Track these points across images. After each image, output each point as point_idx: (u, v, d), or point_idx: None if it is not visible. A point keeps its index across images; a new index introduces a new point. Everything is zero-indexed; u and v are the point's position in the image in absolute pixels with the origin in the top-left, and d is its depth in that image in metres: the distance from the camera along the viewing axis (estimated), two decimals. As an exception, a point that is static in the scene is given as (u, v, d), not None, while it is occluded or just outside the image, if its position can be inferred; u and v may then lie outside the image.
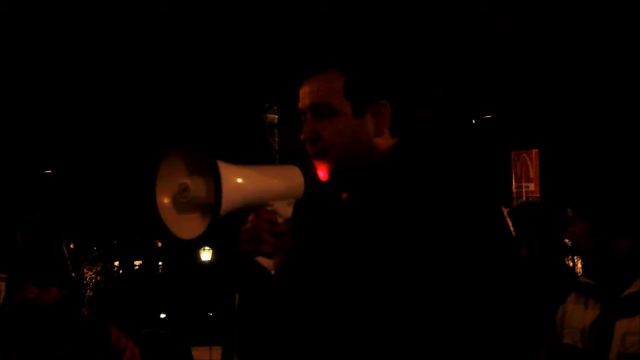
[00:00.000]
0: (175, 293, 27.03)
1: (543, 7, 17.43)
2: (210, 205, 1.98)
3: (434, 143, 2.24)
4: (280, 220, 2.09)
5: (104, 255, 28.87)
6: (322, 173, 2.17)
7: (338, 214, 2.17)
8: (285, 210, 2.12)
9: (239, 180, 2.02)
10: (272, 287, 2.08)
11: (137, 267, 30.52)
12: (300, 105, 2.22)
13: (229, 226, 2.15)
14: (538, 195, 13.17)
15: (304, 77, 2.23)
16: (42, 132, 22.47)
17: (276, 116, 25.11)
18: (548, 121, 19.02)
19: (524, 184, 13.28)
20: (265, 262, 2.08)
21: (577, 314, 3.17)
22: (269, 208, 2.10)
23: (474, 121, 20.64)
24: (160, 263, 30.31)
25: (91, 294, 27.17)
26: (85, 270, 27.20)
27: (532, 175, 13.33)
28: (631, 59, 17.67)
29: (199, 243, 25.34)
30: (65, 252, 4.03)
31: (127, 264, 30.26)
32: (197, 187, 2.01)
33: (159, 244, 29.78)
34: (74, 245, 24.57)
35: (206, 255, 26.15)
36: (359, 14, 17.02)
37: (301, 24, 16.81)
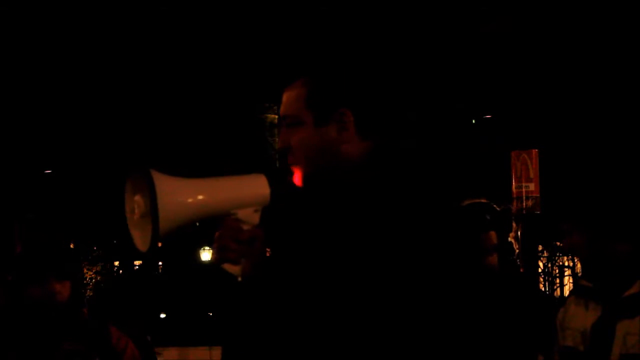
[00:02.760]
0: (175, 293, 27.03)
1: (543, 7, 17.43)
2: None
3: (406, 148, 2.31)
4: (245, 227, 2.18)
5: (104, 255, 28.87)
6: (296, 179, 2.27)
7: (308, 220, 2.25)
8: (251, 217, 2.20)
9: (176, 197, 2.12)
10: (238, 293, 2.17)
11: (137, 267, 30.51)
12: (279, 116, 2.38)
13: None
14: (538, 195, 13.17)
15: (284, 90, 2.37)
16: (42, 132, 22.46)
17: (276, 116, 25.11)
18: (548, 121, 19.01)
19: (524, 184, 13.27)
20: (231, 268, 2.18)
21: (578, 317, 3.18)
22: (233, 216, 2.18)
23: (473, 121, 20.64)
24: (160, 263, 30.30)
25: (91, 294, 27.16)
26: (85, 270, 27.19)
27: (532, 175, 13.32)
28: (631, 59, 17.67)
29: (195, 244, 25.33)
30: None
31: (127, 264, 30.25)
32: (144, 204, 2.14)
33: (159, 244, 29.80)
34: (74, 245, 24.56)
35: (206, 255, 26.14)
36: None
37: (296, 28, 16.83)
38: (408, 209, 2.13)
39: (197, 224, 2.22)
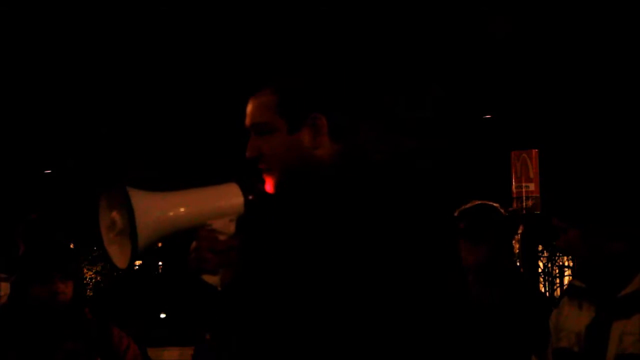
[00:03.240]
0: (175, 293, 27.01)
1: (543, 7, 17.42)
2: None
3: (389, 150, 2.30)
4: (221, 237, 2.19)
5: (104, 255, 28.81)
6: (268, 187, 2.27)
7: (281, 227, 2.25)
8: (227, 227, 2.21)
9: (154, 211, 2.13)
10: (218, 303, 2.19)
11: (137, 267, 30.48)
12: (246, 124, 2.35)
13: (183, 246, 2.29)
14: (538, 195, 13.16)
15: (249, 97, 2.35)
16: (42, 132, 22.44)
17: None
18: (548, 121, 19.00)
19: (524, 184, 13.25)
20: (210, 279, 2.19)
21: (572, 317, 3.17)
22: (208, 227, 2.19)
23: (473, 121, 20.63)
24: (160, 263, 30.26)
25: (91, 294, 27.13)
26: (85, 270, 27.16)
27: (532, 175, 13.31)
28: (631, 59, 17.66)
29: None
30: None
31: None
32: (121, 221, 2.15)
33: (159, 244, 29.76)
34: (73, 245, 24.53)
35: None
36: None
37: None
38: (382, 212, 2.12)
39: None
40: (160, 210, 2.14)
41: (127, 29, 19.57)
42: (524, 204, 12.65)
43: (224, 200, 2.22)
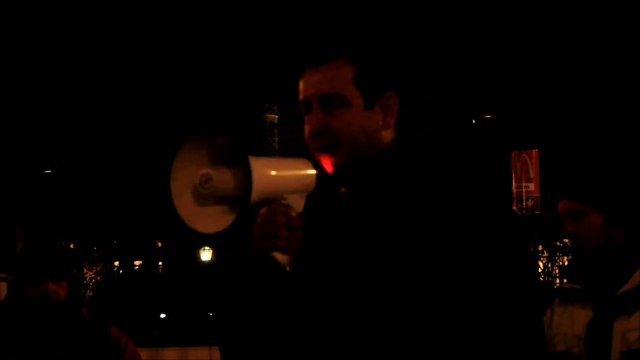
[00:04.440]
0: (175, 293, 27.00)
1: (543, 7, 17.42)
2: (235, 197, 1.90)
3: (433, 139, 2.24)
4: (293, 213, 2.01)
5: (104, 255, 28.83)
6: (329, 166, 2.09)
7: (341, 209, 2.11)
8: (298, 203, 2.03)
9: (268, 172, 1.94)
10: (288, 284, 2.02)
11: (137, 267, 30.48)
12: (304, 95, 2.12)
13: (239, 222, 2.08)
14: (538, 195, 13.17)
15: (308, 65, 2.12)
16: (42, 132, 22.45)
17: (276, 116, 25.12)
18: (548, 121, 19.00)
19: (524, 184, 13.28)
20: (281, 257, 2.00)
21: (566, 320, 3.13)
22: (283, 201, 2.00)
23: (473, 121, 20.63)
24: (160, 263, 30.27)
25: (91, 294, 27.14)
26: (85, 270, 27.17)
27: (532, 175, 13.33)
28: (631, 59, 17.65)
29: (199, 243, 25.31)
30: (64, 249, 4.03)
31: (127, 264, 30.22)
32: (222, 178, 1.90)
33: (159, 244, 29.75)
34: (74, 245, 24.55)
35: (206, 255, 26.13)
36: (361, 7, 17.00)
37: (301, 18, 16.79)
38: (444, 203, 2.03)
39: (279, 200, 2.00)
40: (270, 170, 1.94)
41: (128, 28, 19.56)
42: (524, 204, 12.66)
43: (301, 175, 2.04)
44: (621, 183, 3.13)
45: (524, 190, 12.99)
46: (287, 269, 2.01)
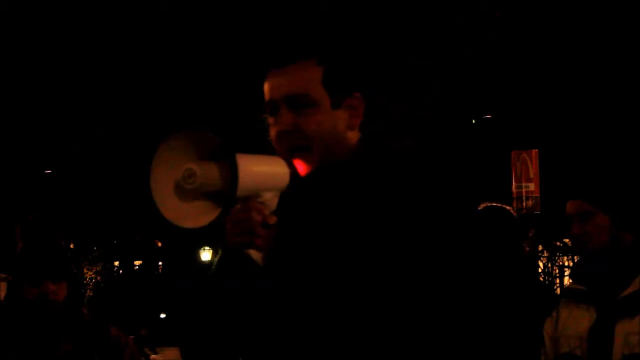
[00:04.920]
0: (175, 293, 27.02)
1: (543, 7, 17.42)
2: (219, 193, 1.89)
3: (400, 140, 2.22)
4: (266, 212, 2.02)
5: (104, 255, 28.83)
6: (302, 168, 2.09)
7: (309, 209, 2.11)
8: (272, 201, 2.04)
9: (253, 168, 1.95)
10: (262, 280, 2.02)
11: (137, 267, 30.48)
12: (271, 96, 2.12)
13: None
14: (538, 195, 13.17)
15: (275, 67, 2.13)
16: (42, 132, 22.45)
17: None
18: (548, 121, 18.99)
19: (524, 184, 13.26)
20: (256, 255, 2.01)
21: (571, 322, 3.13)
22: (259, 199, 2.01)
23: (474, 121, 20.63)
24: (160, 263, 30.26)
25: (91, 294, 27.14)
26: (85, 270, 27.17)
27: (532, 175, 13.31)
28: (631, 59, 17.65)
29: (198, 242, 25.29)
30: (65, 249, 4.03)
31: (127, 264, 30.22)
32: (206, 173, 1.90)
33: (159, 244, 29.75)
34: (74, 245, 24.54)
35: (206, 255, 26.13)
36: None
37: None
38: (404, 204, 2.03)
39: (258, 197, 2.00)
40: (256, 165, 1.95)
41: (128, 28, 19.57)
42: (524, 204, 12.66)
43: (277, 172, 2.03)
44: (628, 185, 3.14)
45: (524, 190, 12.97)
46: (260, 264, 2.01)
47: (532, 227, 12.09)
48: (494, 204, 4.13)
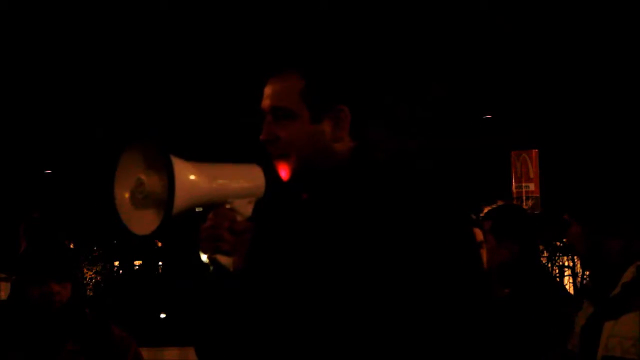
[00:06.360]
0: (175, 293, 27.01)
1: (543, 7, 17.42)
2: (164, 201, 2.00)
3: (393, 150, 2.26)
4: (239, 218, 2.13)
5: (104, 255, 28.80)
6: (283, 173, 2.19)
7: (297, 215, 2.20)
8: (245, 208, 2.15)
9: (192, 177, 2.03)
10: (229, 285, 2.12)
11: (137, 267, 30.45)
12: (262, 104, 2.24)
13: (187, 225, 2.19)
14: (538, 195, 13.18)
15: (267, 78, 2.25)
16: (42, 132, 22.45)
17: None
18: (548, 121, 19.00)
19: (524, 184, 13.30)
20: (224, 259, 2.13)
21: (579, 318, 3.17)
22: (228, 206, 2.12)
23: (473, 121, 20.63)
24: (160, 263, 30.24)
25: (91, 294, 27.11)
26: (85, 270, 27.14)
27: (532, 175, 13.35)
28: (631, 59, 17.66)
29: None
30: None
31: (127, 264, 30.19)
32: (152, 182, 2.03)
33: (159, 244, 29.75)
34: (74, 245, 24.52)
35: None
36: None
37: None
38: (394, 211, 2.07)
39: (197, 210, 2.14)
40: (198, 176, 2.04)
41: (128, 28, 19.58)
42: (524, 204, 12.66)
43: (248, 181, 2.15)
44: (602, 194, 3.19)
45: (524, 190, 13.00)
46: (230, 270, 2.12)
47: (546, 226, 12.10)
48: (507, 202, 4.17)
